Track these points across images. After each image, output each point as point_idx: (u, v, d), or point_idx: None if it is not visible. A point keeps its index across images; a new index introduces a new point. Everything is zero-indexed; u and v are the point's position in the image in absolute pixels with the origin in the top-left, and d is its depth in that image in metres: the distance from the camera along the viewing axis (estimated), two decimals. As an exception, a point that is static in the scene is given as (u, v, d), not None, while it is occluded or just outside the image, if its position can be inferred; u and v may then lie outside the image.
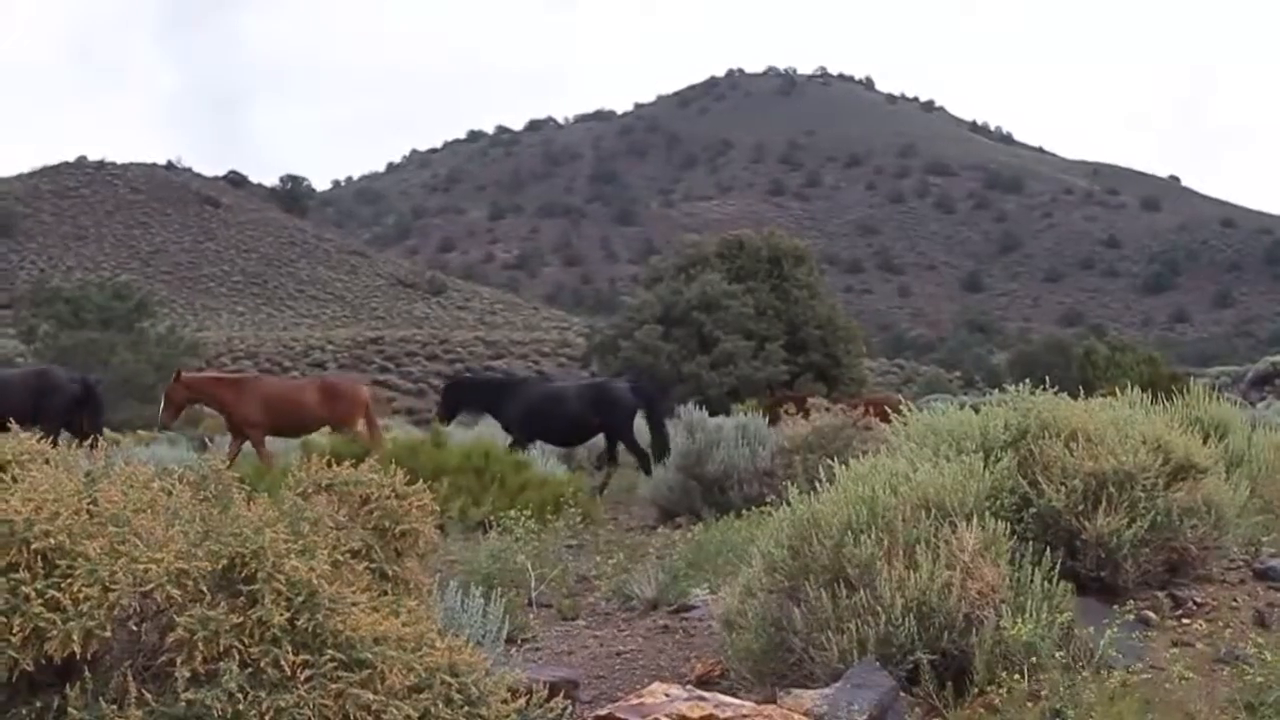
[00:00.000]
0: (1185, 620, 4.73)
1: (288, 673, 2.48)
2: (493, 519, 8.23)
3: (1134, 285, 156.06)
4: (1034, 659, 3.81)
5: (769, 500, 7.64)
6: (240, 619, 2.50)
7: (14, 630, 2.35)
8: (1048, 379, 5.66)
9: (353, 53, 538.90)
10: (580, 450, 14.93)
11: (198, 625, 2.46)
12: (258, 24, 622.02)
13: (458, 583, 4.83)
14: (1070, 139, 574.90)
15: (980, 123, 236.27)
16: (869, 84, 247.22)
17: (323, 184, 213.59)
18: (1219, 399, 6.94)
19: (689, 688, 3.57)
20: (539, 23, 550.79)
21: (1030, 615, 3.93)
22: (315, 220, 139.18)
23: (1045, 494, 4.81)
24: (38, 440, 3.12)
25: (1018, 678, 3.69)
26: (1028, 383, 5.59)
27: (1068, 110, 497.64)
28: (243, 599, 2.56)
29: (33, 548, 2.46)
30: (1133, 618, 4.43)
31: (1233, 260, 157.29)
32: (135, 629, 2.57)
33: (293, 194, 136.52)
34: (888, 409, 6.74)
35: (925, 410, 6.19)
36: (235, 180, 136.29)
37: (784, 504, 4.73)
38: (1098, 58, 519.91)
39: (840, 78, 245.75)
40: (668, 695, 3.40)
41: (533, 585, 6.64)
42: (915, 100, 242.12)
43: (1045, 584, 4.15)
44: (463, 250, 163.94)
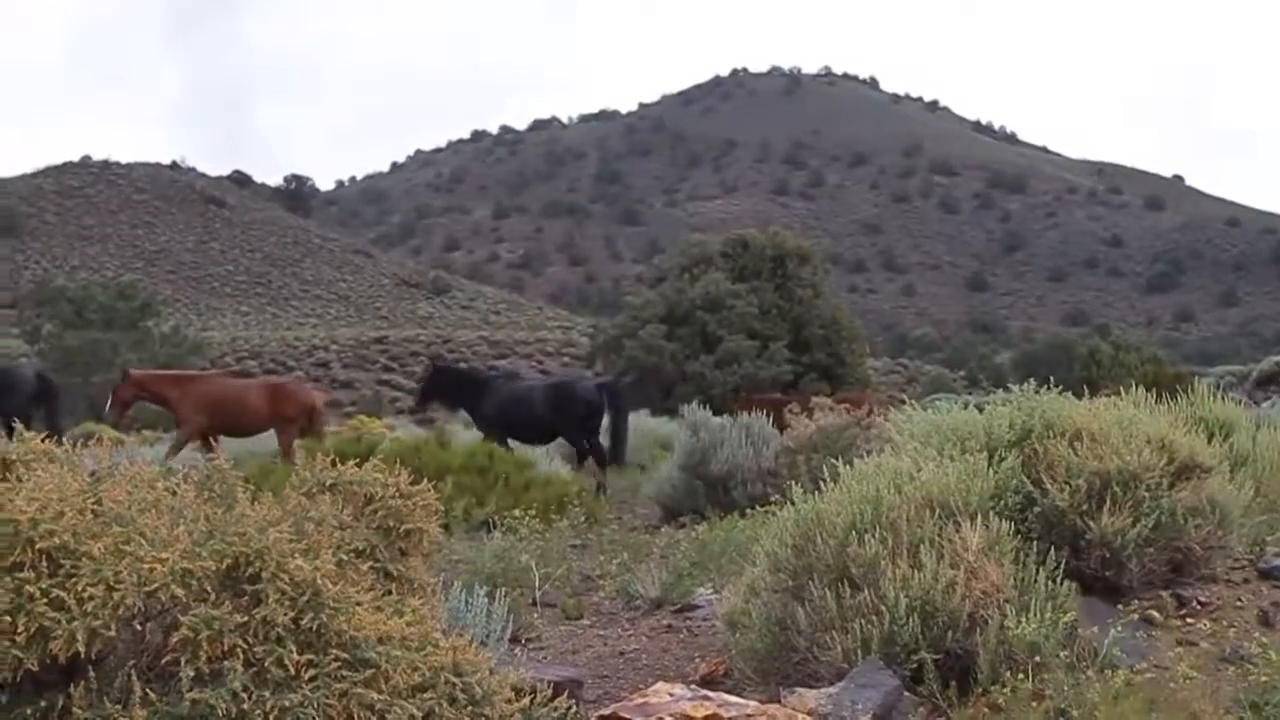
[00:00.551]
0: (1190, 620, 4.72)
1: (292, 672, 2.49)
2: (497, 518, 8.24)
3: (1138, 285, 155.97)
4: (1038, 659, 3.80)
5: (773, 499, 7.62)
6: (245, 619, 2.51)
7: (19, 629, 2.35)
8: (1052, 378, 5.64)
9: (357, 52, 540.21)
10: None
11: (202, 625, 2.46)
12: (263, 24, 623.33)
13: (462, 582, 4.84)
14: (1074, 138, 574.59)
15: (984, 122, 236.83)
16: (873, 84, 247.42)
17: (327, 184, 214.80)
18: (1223, 398, 6.91)
19: (693, 687, 3.57)
20: (543, 22, 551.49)
21: (1034, 615, 3.92)
22: (319, 220, 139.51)
23: (1049, 493, 4.79)
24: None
25: (1022, 677, 3.69)
26: (1032, 382, 5.58)
27: (1072, 110, 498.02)
28: (247, 598, 2.57)
29: (37, 547, 2.46)
30: (1137, 617, 4.42)
31: (1237, 260, 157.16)
32: (140, 628, 2.57)
33: (297, 194, 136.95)
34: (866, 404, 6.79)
35: (929, 409, 6.18)
36: (240, 180, 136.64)
37: (788, 503, 4.73)
38: (1102, 57, 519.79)
39: (845, 77, 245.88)
40: (672, 695, 3.40)
41: (537, 585, 6.65)
42: (920, 100, 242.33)
43: (1049, 584, 4.14)
44: (467, 250, 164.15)
